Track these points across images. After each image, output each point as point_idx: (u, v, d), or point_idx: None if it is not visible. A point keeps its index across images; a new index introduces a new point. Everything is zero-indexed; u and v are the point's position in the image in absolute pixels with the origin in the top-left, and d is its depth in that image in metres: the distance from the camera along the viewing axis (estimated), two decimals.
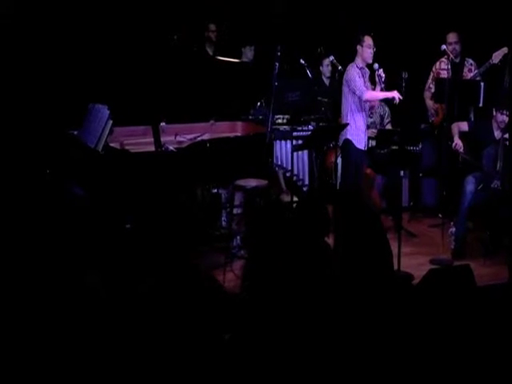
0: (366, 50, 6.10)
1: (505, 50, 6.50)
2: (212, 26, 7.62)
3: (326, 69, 7.64)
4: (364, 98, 6.12)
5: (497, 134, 6.13)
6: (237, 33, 7.74)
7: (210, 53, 7.52)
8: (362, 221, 3.44)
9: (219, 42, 7.57)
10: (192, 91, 5.80)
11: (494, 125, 6.14)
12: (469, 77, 6.95)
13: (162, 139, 5.42)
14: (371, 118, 7.04)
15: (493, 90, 6.43)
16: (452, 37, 6.93)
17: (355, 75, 6.12)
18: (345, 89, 6.20)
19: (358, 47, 6.14)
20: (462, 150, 6.15)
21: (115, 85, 5.76)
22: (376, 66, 6.10)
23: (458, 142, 6.19)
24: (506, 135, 5.94)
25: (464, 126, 6.32)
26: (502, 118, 6.02)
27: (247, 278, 2.83)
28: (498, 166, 5.88)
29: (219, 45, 7.53)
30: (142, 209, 5.08)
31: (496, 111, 6.10)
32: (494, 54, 6.56)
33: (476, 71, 6.90)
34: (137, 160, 5.19)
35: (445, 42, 6.76)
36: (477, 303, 3.38)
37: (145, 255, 4.91)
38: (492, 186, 5.87)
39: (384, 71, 6.13)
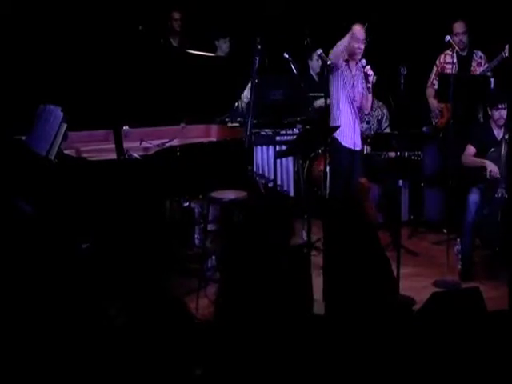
0: (354, 44, 6.16)
1: None
2: (176, 14, 7.66)
3: (315, 63, 7.70)
4: (332, 55, 6.20)
5: (497, 133, 6.22)
6: (209, 22, 7.77)
7: (175, 44, 7.57)
8: (356, 236, 3.47)
9: (186, 33, 7.60)
10: (160, 90, 5.79)
11: (492, 124, 6.24)
12: (478, 72, 7.03)
13: (125, 145, 5.40)
14: (367, 122, 7.10)
15: (505, 87, 6.50)
16: (459, 27, 7.00)
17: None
18: (329, 77, 6.29)
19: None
20: (498, 174, 6.06)
21: (70, 82, 5.73)
22: (363, 61, 6.16)
23: (492, 169, 6.10)
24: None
25: (471, 149, 6.35)
26: (499, 113, 6.13)
27: (221, 305, 2.84)
28: (501, 169, 5.94)
29: (188, 36, 7.56)
30: (102, 226, 5.07)
31: (491, 109, 6.19)
32: (506, 47, 6.64)
33: (486, 65, 6.98)
34: (96, 169, 5.18)
35: (450, 33, 6.82)
36: (488, 331, 3.40)
37: (105, 280, 4.89)
38: (496, 195, 5.94)
39: (374, 67, 6.18)
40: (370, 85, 6.17)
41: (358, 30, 6.18)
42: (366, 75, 6.14)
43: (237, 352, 2.72)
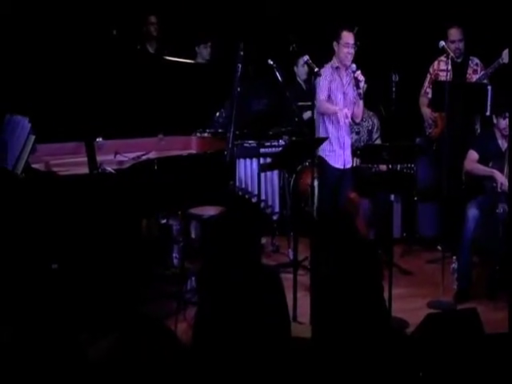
0: (343, 49, 6.20)
1: None
2: (152, 18, 7.67)
3: (301, 70, 7.72)
4: (318, 110, 6.30)
5: (501, 142, 6.24)
6: (188, 27, 7.78)
7: (152, 51, 7.59)
8: (346, 255, 3.46)
9: (164, 38, 7.61)
10: (136, 99, 5.78)
11: (497, 133, 6.26)
12: (474, 79, 7.06)
13: (98, 158, 5.39)
14: (357, 133, 7.13)
15: (503, 95, 6.53)
16: (455, 34, 7.03)
17: (323, 78, 6.26)
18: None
19: (335, 44, 6.27)
20: (507, 187, 5.98)
21: (38, 90, 5.70)
22: (353, 67, 6.20)
23: (503, 181, 6.04)
24: None
25: (473, 155, 6.35)
26: (505, 123, 6.13)
27: (200, 329, 2.83)
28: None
29: (165, 42, 7.57)
30: (73, 245, 5.04)
31: (497, 117, 6.21)
32: (504, 52, 6.68)
33: (482, 72, 7.01)
34: (66, 185, 5.15)
35: (445, 38, 6.84)
36: (486, 356, 3.39)
37: (79, 303, 4.86)
38: (497, 211, 5.95)
39: (363, 74, 6.20)
40: (360, 91, 6.19)
41: (346, 34, 6.21)
42: (357, 81, 6.17)
43: (216, 378, 2.71)
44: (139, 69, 5.63)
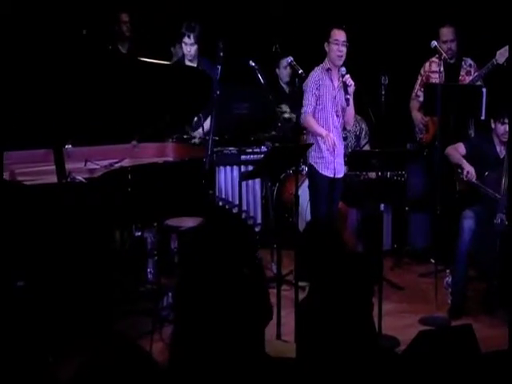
0: (333, 47, 6.21)
1: None
2: (124, 16, 7.65)
3: (283, 72, 7.73)
4: (302, 122, 6.31)
5: (499, 149, 6.27)
6: (163, 25, 7.77)
7: (124, 51, 7.58)
8: (333, 270, 3.45)
9: (137, 38, 7.59)
10: (107, 103, 5.76)
11: (495, 139, 6.28)
12: (467, 81, 7.09)
13: (67, 167, 5.37)
14: (344, 139, 7.14)
15: (497, 97, 6.57)
16: (447, 33, 7.07)
17: (312, 83, 6.27)
18: (304, 89, 6.34)
19: (326, 45, 6.27)
20: (474, 179, 6.19)
21: (1, 93, 5.67)
22: (343, 70, 6.20)
23: (470, 170, 6.22)
24: None
25: (460, 148, 6.40)
26: (504, 128, 6.14)
27: (177, 349, 2.81)
28: (502, 191, 5.98)
29: (139, 42, 7.55)
30: (40, 260, 5.01)
31: (495, 122, 6.23)
32: (498, 52, 6.72)
33: (476, 74, 7.04)
34: (33, 195, 5.13)
35: (437, 37, 6.87)
36: (482, 376, 3.39)
37: (46, 323, 4.83)
38: (495, 221, 5.97)
39: (351, 76, 6.21)
40: (349, 96, 6.18)
41: (335, 32, 6.22)
42: (345, 85, 6.16)
43: None
44: (111, 71, 5.60)
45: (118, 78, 5.70)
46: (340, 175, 6.42)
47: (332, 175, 6.35)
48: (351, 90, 6.19)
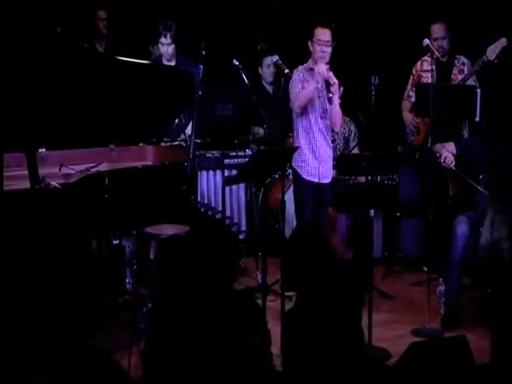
0: (316, 46, 6.21)
1: (503, 41, 6.67)
2: (101, 13, 7.64)
3: (266, 71, 7.72)
4: (295, 108, 6.27)
5: None
6: (142, 23, 7.75)
7: (101, 50, 7.56)
8: (321, 279, 3.45)
9: (115, 36, 7.57)
10: (83, 105, 5.74)
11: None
12: (459, 80, 7.10)
13: (41, 172, 5.34)
14: (332, 141, 7.13)
15: (491, 97, 6.58)
16: (438, 30, 7.08)
17: (296, 79, 6.28)
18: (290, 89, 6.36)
19: (309, 43, 6.28)
20: (453, 164, 6.21)
21: None
22: (326, 67, 6.18)
23: (447, 155, 6.24)
24: None
25: (450, 147, 6.40)
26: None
27: (149, 364, 2.80)
28: None
29: (117, 40, 7.54)
30: (13, 271, 4.98)
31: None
32: (488, 48, 6.74)
33: (467, 72, 7.04)
34: (4, 202, 5.09)
35: (429, 35, 6.88)
36: None
37: (18, 336, 4.80)
38: None
39: (339, 76, 6.21)
40: (331, 95, 6.15)
41: (319, 31, 6.22)
42: (328, 84, 6.15)
43: None
44: (87, 70, 5.58)
45: (94, 78, 5.68)
46: (326, 180, 6.40)
47: (316, 180, 6.35)
48: (334, 88, 6.16)
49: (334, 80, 6.14)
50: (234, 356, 2.95)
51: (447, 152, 6.23)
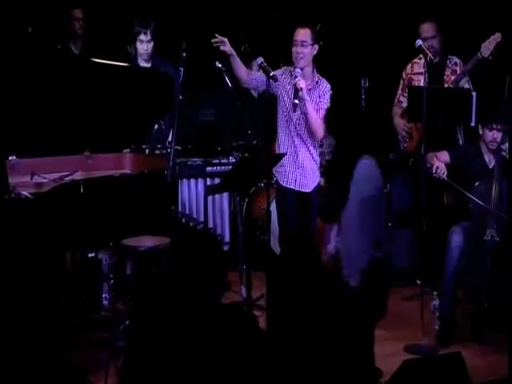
0: (292, 48, 6.23)
1: (497, 36, 6.69)
2: (77, 12, 7.63)
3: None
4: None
5: (488, 158, 6.29)
6: (120, 23, 7.74)
7: (76, 51, 7.54)
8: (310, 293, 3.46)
9: (91, 36, 7.56)
10: (57, 109, 5.75)
11: (483, 147, 6.31)
12: (451, 80, 7.09)
13: (11, 181, 5.33)
14: (319, 146, 7.14)
15: (486, 97, 6.60)
16: (427, 29, 7.10)
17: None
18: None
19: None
20: (445, 175, 6.21)
21: None
22: (297, 71, 6.18)
23: (439, 165, 6.23)
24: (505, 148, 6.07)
25: (444, 156, 6.41)
26: (492, 135, 6.19)
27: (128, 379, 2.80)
28: (492, 205, 6.00)
29: (93, 41, 7.53)
30: None
31: (483, 128, 6.26)
32: (483, 44, 6.75)
33: (461, 71, 7.04)
34: None
35: (418, 36, 6.89)
36: None
37: None
38: (485, 238, 6.00)
39: (328, 80, 6.21)
40: (296, 101, 6.12)
41: (296, 31, 6.24)
42: (296, 89, 6.13)
43: None
44: (61, 73, 5.59)
45: (69, 81, 5.70)
46: (306, 189, 6.36)
47: (292, 187, 6.33)
48: (302, 94, 6.12)
49: (300, 85, 6.12)
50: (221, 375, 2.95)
51: (439, 162, 6.23)
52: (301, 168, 6.32)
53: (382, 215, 6.82)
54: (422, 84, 6.62)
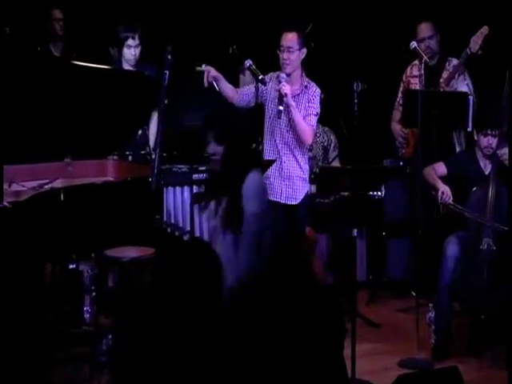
0: (278, 52, 6.21)
1: (484, 30, 6.69)
2: (57, 13, 7.62)
3: (248, 79, 7.71)
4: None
5: (483, 164, 6.30)
6: (102, 24, 7.74)
7: (56, 53, 7.54)
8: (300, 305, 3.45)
9: (72, 37, 7.55)
10: (36, 114, 5.73)
11: (478, 153, 6.32)
12: (443, 79, 7.08)
13: None
14: (309, 150, 7.13)
15: (486, 97, 6.61)
16: (424, 29, 7.12)
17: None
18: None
19: None
20: (451, 200, 6.22)
21: None
22: (282, 76, 6.19)
23: (445, 190, 6.26)
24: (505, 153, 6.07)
25: (441, 167, 6.42)
26: (487, 141, 6.21)
27: None
28: (488, 213, 6.01)
29: (74, 42, 7.52)
30: None
31: (477, 134, 6.26)
32: (471, 39, 6.76)
33: (451, 70, 7.04)
34: None
35: (415, 38, 6.90)
36: None
37: None
38: (481, 247, 6.00)
39: (319, 84, 6.20)
40: (281, 108, 6.10)
41: (282, 36, 6.23)
42: (280, 95, 6.11)
43: None
44: (40, 76, 5.58)
45: (48, 85, 5.69)
46: (293, 202, 6.32)
47: (278, 199, 6.29)
48: (287, 100, 6.10)
49: (284, 91, 6.09)
50: None
51: (443, 186, 6.23)
52: (287, 179, 6.29)
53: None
54: (418, 87, 6.61)
